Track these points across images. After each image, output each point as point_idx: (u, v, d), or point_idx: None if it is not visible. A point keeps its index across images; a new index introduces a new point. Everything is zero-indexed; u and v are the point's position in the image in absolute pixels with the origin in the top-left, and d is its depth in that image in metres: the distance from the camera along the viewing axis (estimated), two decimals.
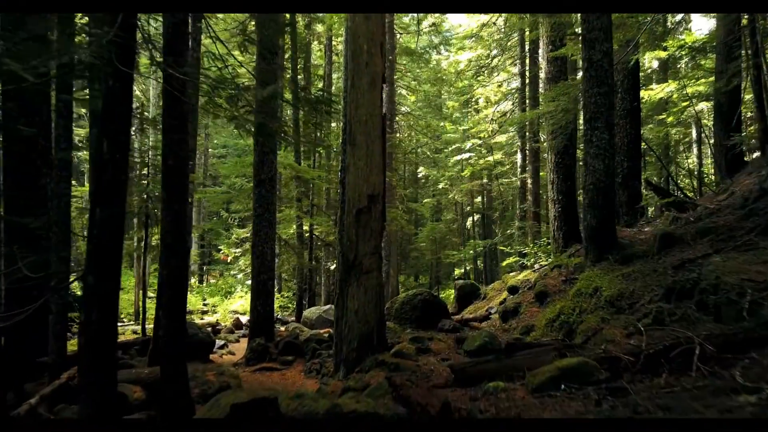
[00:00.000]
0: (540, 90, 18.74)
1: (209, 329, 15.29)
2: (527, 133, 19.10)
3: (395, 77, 21.73)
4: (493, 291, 11.66)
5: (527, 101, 19.79)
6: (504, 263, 14.73)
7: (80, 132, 14.98)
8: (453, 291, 28.80)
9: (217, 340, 13.52)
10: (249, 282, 18.82)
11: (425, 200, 30.53)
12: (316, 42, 23.25)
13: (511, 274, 12.83)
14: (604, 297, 4.85)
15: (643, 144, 12.11)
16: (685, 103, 14.34)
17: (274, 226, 10.52)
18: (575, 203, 10.94)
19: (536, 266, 10.76)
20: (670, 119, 14.95)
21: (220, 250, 23.54)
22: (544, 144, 20.14)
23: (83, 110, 10.74)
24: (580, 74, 14.76)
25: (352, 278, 5.95)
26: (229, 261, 23.50)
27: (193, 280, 27.69)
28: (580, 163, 15.48)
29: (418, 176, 32.49)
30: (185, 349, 5.93)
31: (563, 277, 8.42)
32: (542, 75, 11.30)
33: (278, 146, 18.86)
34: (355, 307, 5.95)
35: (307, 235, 15.76)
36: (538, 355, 4.17)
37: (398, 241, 30.39)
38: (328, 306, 13.70)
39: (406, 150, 27.62)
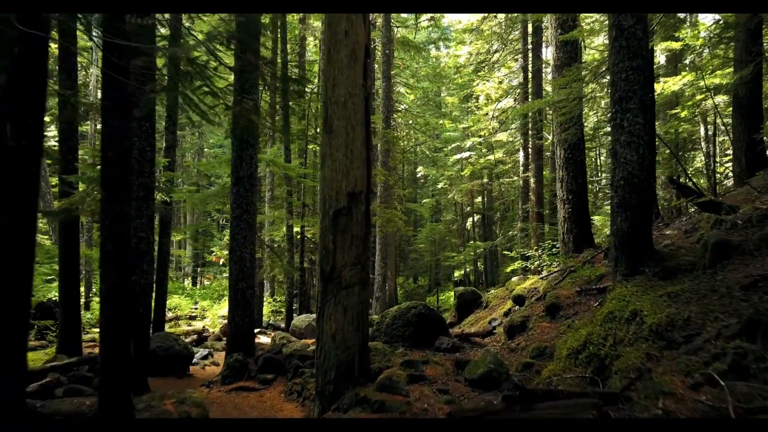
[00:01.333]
0: (548, 79, 17.56)
1: (194, 337, 14.09)
2: (530, 131, 17.90)
3: (392, 72, 20.53)
4: (496, 299, 10.46)
5: (530, 97, 18.57)
6: (507, 269, 13.51)
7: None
8: (453, 295, 27.62)
9: (201, 350, 12.36)
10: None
11: (424, 200, 29.33)
12: (311, 37, 22.06)
13: (514, 279, 11.63)
14: (648, 325, 3.63)
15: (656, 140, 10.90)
16: (700, 96, 13.11)
17: (254, 229, 9.32)
18: (586, 203, 9.74)
19: (544, 273, 9.56)
20: (684, 113, 13.70)
21: (213, 251, 22.38)
22: (548, 142, 18.93)
23: None
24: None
25: (329, 295, 4.75)
26: (221, 263, 22.34)
27: (187, 282, 26.52)
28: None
29: (417, 176, 31.31)
30: (128, 380, 4.74)
31: (578, 288, 7.21)
32: (550, 62, 10.07)
33: (271, 143, 17.65)
34: (332, 330, 4.75)
35: (298, 237, 14.56)
36: (568, 410, 2.98)
37: (396, 242, 29.20)
38: None
39: (405, 148, 26.43)
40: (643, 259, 4.53)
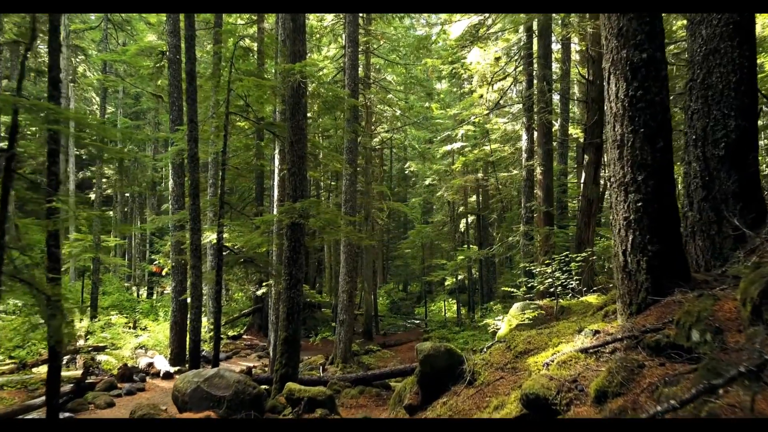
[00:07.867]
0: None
1: (70, 387, 8.76)
2: (535, 105, 12.56)
3: (362, 39, 15.28)
4: (490, 369, 5.14)
5: (535, 71, 13.27)
6: (503, 318, 8.09)
7: None
8: (443, 305, 22.00)
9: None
10: (173, 305, 12.49)
11: (412, 200, 24.03)
12: None
13: (515, 315, 6.35)
14: None
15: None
16: None
17: None
18: (674, 190, 4.44)
19: (588, 340, 4.16)
20: None
21: (154, 261, 17.25)
22: (555, 128, 13.61)
23: None
24: None
25: None
26: (163, 274, 17.22)
27: (143, 292, 21.42)
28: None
29: (407, 173, 26.01)
30: None
31: None
32: None
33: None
34: None
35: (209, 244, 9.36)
36: None
37: (381, 246, 23.87)
38: (214, 370, 7.32)
39: (390, 139, 21.11)
40: None
